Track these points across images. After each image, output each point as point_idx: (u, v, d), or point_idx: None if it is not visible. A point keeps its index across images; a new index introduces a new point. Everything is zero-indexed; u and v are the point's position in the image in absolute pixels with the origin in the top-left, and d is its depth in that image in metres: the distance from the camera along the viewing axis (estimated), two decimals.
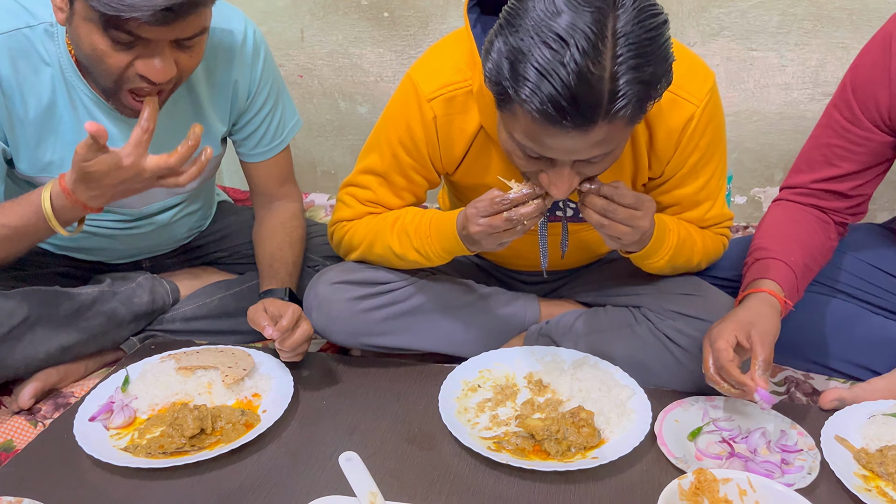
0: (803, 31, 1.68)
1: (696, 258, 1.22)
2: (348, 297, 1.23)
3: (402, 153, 1.19)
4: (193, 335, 1.43)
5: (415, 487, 1.01)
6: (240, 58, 1.29)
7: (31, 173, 1.22)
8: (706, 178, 1.19)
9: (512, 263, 1.40)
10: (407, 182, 1.22)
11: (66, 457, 1.07)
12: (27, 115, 1.16)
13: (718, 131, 1.17)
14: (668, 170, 1.18)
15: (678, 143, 1.13)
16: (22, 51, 1.12)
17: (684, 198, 1.20)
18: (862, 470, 1.02)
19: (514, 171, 1.10)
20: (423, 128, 1.15)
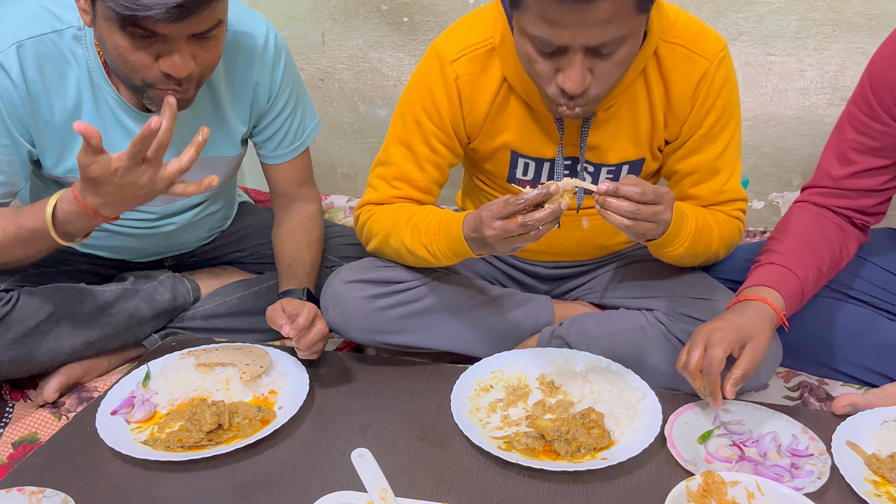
0: (822, 35, 1.67)
1: (715, 245, 1.21)
2: (363, 295, 1.25)
3: (425, 119, 1.22)
4: (213, 333, 1.46)
5: (425, 485, 1.03)
6: (261, 61, 1.32)
7: (58, 174, 1.26)
8: (723, 145, 1.20)
9: (526, 254, 1.40)
10: (430, 151, 1.24)
11: (88, 449, 1.10)
12: (53, 118, 1.20)
13: (733, 97, 1.20)
14: (685, 129, 1.19)
15: (694, 100, 1.16)
16: (49, 55, 1.16)
17: (702, 165, 1.21)
18: (872, 475, 1.02)
19: (532, 128, 1.17)
20: (445, 91, 1.19)
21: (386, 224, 1.24)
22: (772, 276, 1.14)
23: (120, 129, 1.24)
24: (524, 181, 1.26)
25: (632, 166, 1.25)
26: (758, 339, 1.05)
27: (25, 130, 1.19)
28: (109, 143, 1.24)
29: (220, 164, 1.39)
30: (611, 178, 1.25)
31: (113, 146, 1.25)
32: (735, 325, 1.06)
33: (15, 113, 1.16)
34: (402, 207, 1.24)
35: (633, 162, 1.24)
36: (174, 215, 1.43)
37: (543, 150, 1.22)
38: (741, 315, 1.08)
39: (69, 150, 1.24)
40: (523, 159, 1.24)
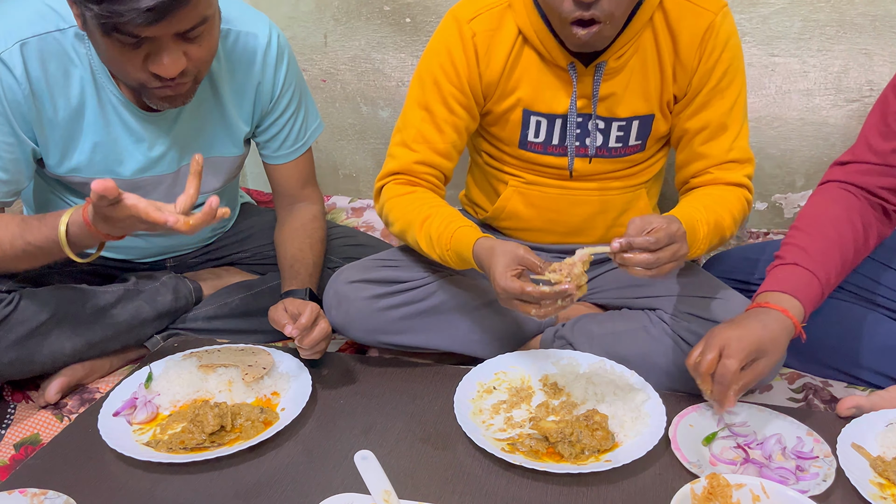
0: (825, 36, 1.66)
1: (728, 233, 1.21)
2: (366, 295, 1.25)
3: (443, 79, 1.24)
4: (215, 334, 1.46)
5: (428, 487, 1.02)
6: (263, 61, 1.32)
7: (61, 173, 1.26)
8: (731, 100, 1.23)
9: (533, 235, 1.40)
10: (448, 112, 1.26)
11: (90, 450, 1.10)
12: (56, 116, 1.19)
13: (738, 53, 1.23)
14: (694, 82, 1.22)
15: (701, 51, 1.20)
16: (52, 53, 1.16)
17: (711, 120, 1.23)
18: (878, 478, 1.01)
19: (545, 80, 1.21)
20: (462, 49, 1.22)
21: (403, 218, 1.25)
22: (797, 283, 1.09)
23: (123, 127, 1.24)
24: (535, 144, 1.28)
25: (641, 121, 1.26)
26: (772, 355, 1.03)
27: (29, 129, 1.18)
28: (113, 141, 1.25)
29: (223, 164, 1.39)
30: (621, 134, 1.27)
31: (116, 144, 1.25)
32: (755, 338, 1.02)
33: (19, 111, 1.16)
34: (419, 203, 1.24)
35: (642, 117, 1.26)
36: None
37: (556, 104, 1.24)
38: (763, 326, 1.04)
39: (72, 149, 1.23)
40: (535, 117, 1.26)
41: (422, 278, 1.29)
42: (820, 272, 1.10)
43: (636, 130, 1.27)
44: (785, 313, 1.05)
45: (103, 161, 1.26)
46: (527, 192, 1.34)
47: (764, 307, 1.07)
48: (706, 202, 1.20)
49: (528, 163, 1.31)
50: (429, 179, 1.29)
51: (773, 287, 1.10)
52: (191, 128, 1.31)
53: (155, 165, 1.30)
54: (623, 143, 1.28)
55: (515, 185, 1.34)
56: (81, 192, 1.32)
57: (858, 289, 1.33)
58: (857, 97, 1.70)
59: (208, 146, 1.34)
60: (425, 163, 1.27)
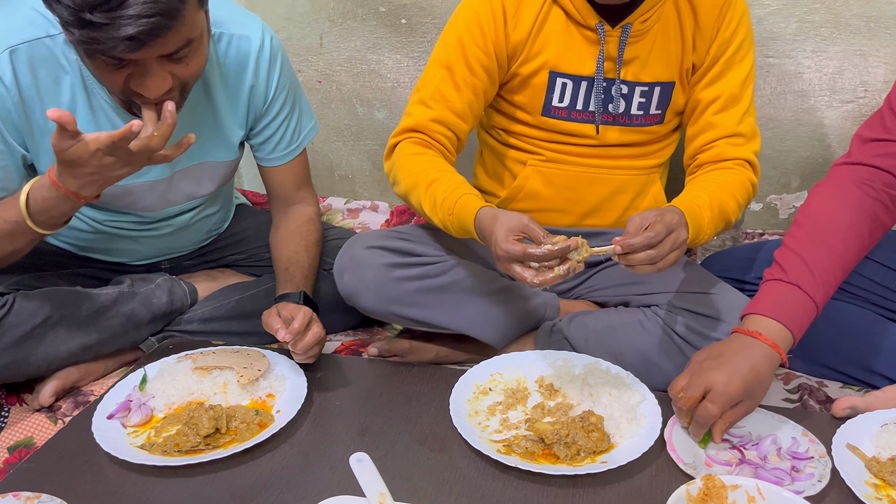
0: (820, 38, 1.67)
1: (733, 216, 1.22)
2: (383, 262, 1.25)
3: (468, 38, 1.26)
4: (210, 336, 1.45)
5: (424, 489, 1.02)
6: (257, 64, 1.31)
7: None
8: (745, 73, 1.27)
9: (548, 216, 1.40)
10: (468, 72, 1.27)
11: (85, 454, 1.09)
12: (47, 122, 1.19)
13: (751, 30, 1.29)
14: (712, 51, 1.26)
15: (721, 20, 1.25)
16: (42, 60, 1.15)
17: (724, 90, 1.27)
18: (873, 479, 1.01)
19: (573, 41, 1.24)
20: (490, 11, 1.24)
21: (410, 179, 1.24)
22: (793, 310, 1.06)
23: None
24: (559, 109, 1.29)
25: (663, 88, 1.29)
26: (758, 395, 1.05)
27: (19, 136, 1.18)
28: None
29: (217, 169, 1.39)
30: (643, 101, 1.29)
31: None
32: (742, 382, 1.01)
33: (9, 118, 1.15)
34: (427, 164, 1.24)
35: (664, 84, 1.29)
36: (171, 217, 1.42)
37: (582, 66, 1.26)
38: (751, 368, 1.02)
39: None
40: (561, 79, 1.27)
41: (438, 255, 1.30)
42: (819, 295, 1.07)
43: (657, 98, 1.30)
44: (775, 348, 1.04)
45: None
46: (546, 171, 1.35)
47: (755, 338, 1.05)
48: (709, 188, 1.20)
49: (551, 132, 1.32)
50: (442, 141, 1.30)
51: (769, 310, 1.07)
52: (184, 132, 1.30)
53: (148, 171, 1.29)
54: (644, 111, 1.30)
55: (535, 163, 1.35)
56: None
57: (856, 288, 1.33)
58: (852, 98, 1.70)
59: (202, 151, 1.34)
60: (440, 121, 1.28)
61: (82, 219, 1.37)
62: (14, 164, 1.20)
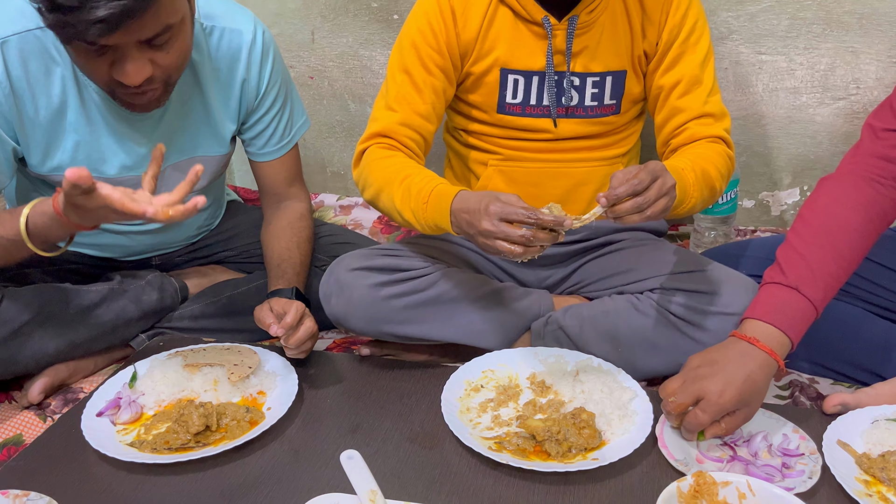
0: (812, 34, 1.67)
1: (718, 184, 1.22)
2: (370, 283, 1.24)
3: (420, 41, 1.27)
4: (201, 333, 1.45)
5: (415, 486, 1.02)
6: (249, 58, 1.31)
7: (43, 172, 1.24)
8: (702, 55, 1.28)
9: None
10: (426, 73, 1.28)
11: (74, 451, 1.09)
12: (38, 115, 1.18)
13: (702, 13, 1.29)
14: (664, 37, 1.27)
15: (668, 5, 1.26)
16: (33, 52, 1.14)
17: (685, 73, 1.27)
18: (863, 475, 1.01)
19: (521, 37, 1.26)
20: (439, 11, 1.26)
21: (382, 177, 1.22)
22: (793, 317, 1.05)
23: (106, 126, 1.23)
24: (514, 105, 1.30)
25: (615, 77, 1.30)
26: (754, 404, 1.04)
27: (10, 128, 1.17)
28: (96, 140, 1.24)
29: (209, 164, 1.38)
30: (596, 91, 1.30)
31: (99, 142, 1.24)
32: (736, 393, 1.00)
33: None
34: (400, 163, 1.23)
35: (615, 73, 1.30)
36: None
37: (532, 61, 1.27)
38: (746, 378, 1.01)
39: (54, 148, 1.22)
40: (513, 75, 1.28)
41: (423, 268, 1.28)
42: (819, 299, 1.05)
43: (610, 88, 1.30)
44: (772, 356, 1.03)
45: (86, 160, 1.24)
46: (507, 170, 1.36)
47: (752, 345, 1.04)
48: (689, 156, 1.21)
49: (508, 128, 1.33)
50: (409, 144, 1.29)
51: (767, 315, 1.05)
52: (175, 127, 1.29)
53: (139, 165, 1.28)
54: (598, 102, 1.31)
55: (495, 163, 1.36)
56: None
57: (847, 285, 1.33)
58: (844, 95, 1.71)
59: (193, 145, 1.33)
60: (407, 124, 1.28)
61: None
62: (4, 157, 1.19)
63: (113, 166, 1.27)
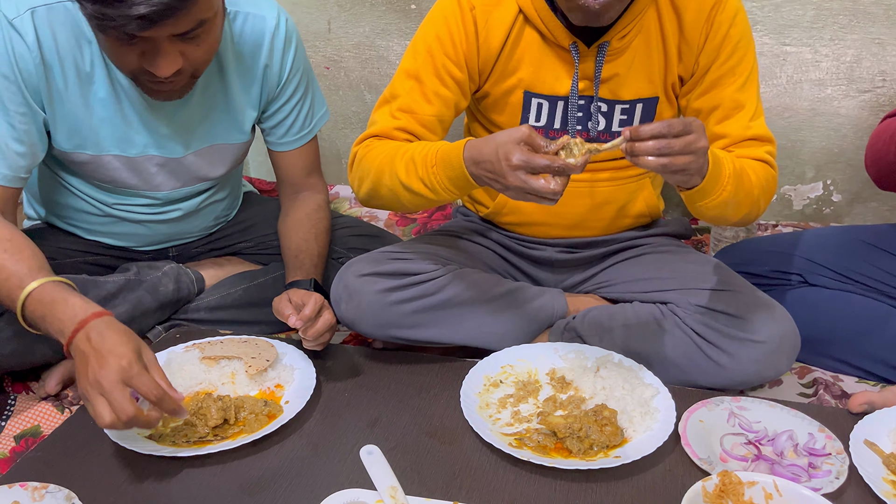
0: (838, 25, 1.64)
1: (756, 191, 1.13)
2: (378, 288, 1.22)
3: (438, 49, 1.21)
4: (218, 325, 1.44)
5: (435, 482, 1.01)
6: (271, 44, 1.30)
7: (67, 148, 1.24)
8: (744, 78, 1.18)
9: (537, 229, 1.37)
10: (439, 83, 1.21)
11: (92, 443, 1.08)
12: (66, 87, 1.18)
13: (747, 29, 1.19)
14: (701, 61, 1.19)
15: (708, 27, 1.17)
16: (63, 23, 1.14)
17: (724, 98, 1.19)
18: (891, 475, 0.99)
19: (547, 61, 1.18)
20: (461, 20, 1.19)
21: (380, 161, 1.17)
22: None
23: (131, 106, 1.23)
24: (537, 128, 1.24)
25: (645, 105, 1.23)
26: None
27: (39, 98, 1.17)
28: (121, 118, 1.24)
29: (229, 151, 1.37)
30: (625, 119, 1.24)
31: (123, 121, 1.24)
32: None
33: (30, 80, 1.14)
34: (397, 144, 1.19)
35: (646, 100, 1.23)
36: (180, 201, 1.41)
37: (558, 85, 1.21)
38: None
39: (80, 124, 1.22)
40: (537, 99, 1.23)
41: (433, 270, 1.26)
42: None
43: (640, 114, 1.25)
44: None
45: (110, 138, 1.24)
46: None
47: None
48: (730, 155, 1.13)
49: None
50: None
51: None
52: (198, 113, 1.29)
53: (160, 147, 1.29)
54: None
55: None
56: (84, 173, 1.30)
57: (871, 280, 1.32)
58: (870, 87, 1.68)
59: (213, 133, 1.33)
60: (407, 130, 1.22)
61: (90, 202, 1.36)
62: (37, 128, 1.19)
63: (136, 146, 1.27)
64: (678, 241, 1.43)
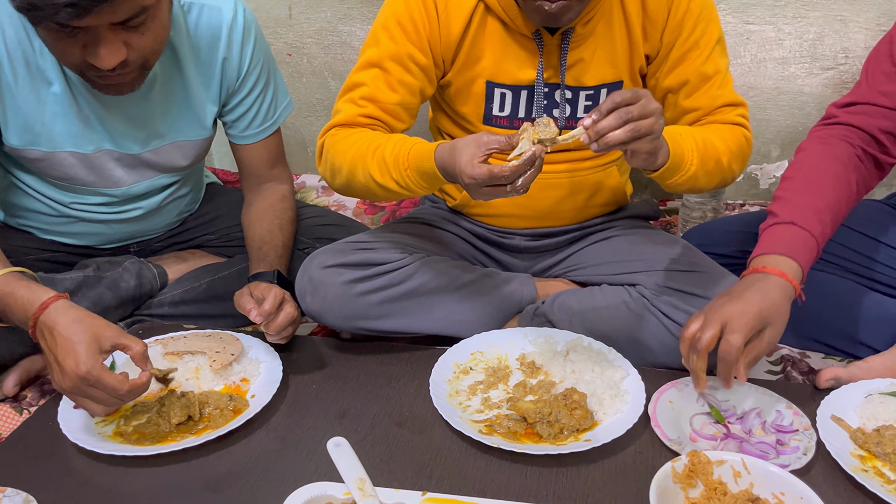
0: (801, 3, 1.64)
1: (725, 158, 1.14)
2: (343, 280, 1.20)
3: (400, 35, 1.18)
4: (182, 319, 1.41)
5: (405, 472, 0.99)
6: (229, 37, 1.26)
7: (18, 144, 1.19)
8: (708, 50, 1.18)
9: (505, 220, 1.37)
10: (403, 71, 1.19)
11: (51, 445, 1.06)
12: (16, 81, 1.13)
13: (708, 0, 1.19)
14: (665, 37, 1.19)
15: (670, 1, 1.16)
16: (10, 15, 1.09)
17: (691, 73, 1.19)
18: (858, 450, 1.00)
19: (510, 50, 1.17)
20: (422, 4, 1.17)
21: (351, 156, 1.15)
22: (793, 243, 1.04)
23: (86, 102, 1.19)
24: (501, 118, 1.24)
25: (610, 89, 1.23)
26: (777, 323, 0.99)
27: None
28: (75, 115, 1.19)
29: (190, 147, 1.34)
30: (589, 104, 1.23)
31: (78, 118, 1.20)
32: (757, 310, 0.97)
33: None
34: (366, 136, 1.17)
35: (610, 84, 1.23)
36: (139, 198, 1.37)
37: (521, 74, 1.20)
38: (763, 296, 0.98)
39: (32, 120, 1.17)
40: (500, 89, 1.21)
41: (400, 259, 1.24)
42: (816, 231, 1.05)
43: (604, 97, 1.21)
44: (784, 277, 1.00)
45: (65, 134, 1.20)
46: None
47: (761, 272, 1.02)
48: (691, 128, 1.15)
49: None
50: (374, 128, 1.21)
51: (769, 249, 1.05)
52: (157, 109, 1.25)
53: (118, 144, 1.25)
54: None
55: None
56: (38, 171, 1.26)
57: (837, 258, 1.32)
58: (833, 65, 1.69)
59: (175, 128, 1.29)
60: (372, 117, 1.20)
61: (46, 202, 1.31)
62: None
63: (92, 142, 1.23)
64: (646, 223, 1.43)
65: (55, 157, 1.22)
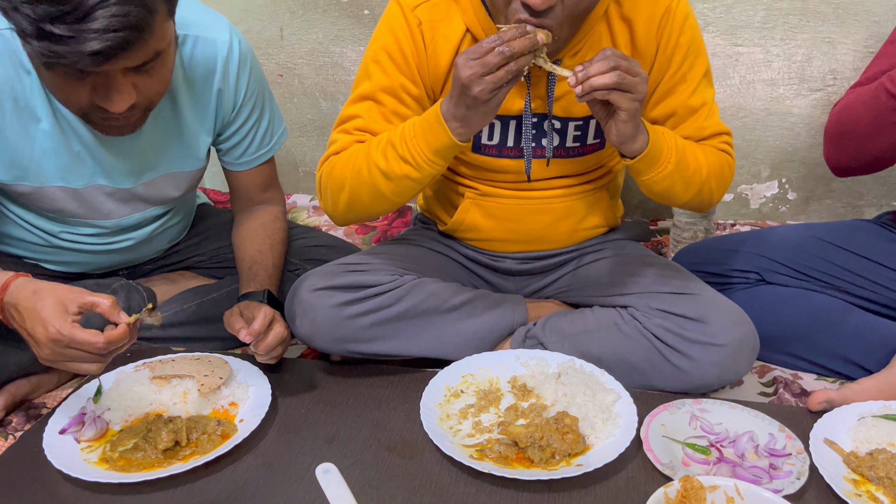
0: (789, 25, 1.66)
1: (704, 171, 1.15)
2: (333, 303, 1.20)
3: (391, 67, 1.18)
4: (171, 342, 1.39)
5: (395, 498, 0.98)
6: (224, 68, 1.24)
7: (6, 180, 1.18)
8: (695, 84, 1.19)
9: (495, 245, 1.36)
10: (397, 102, 1.19)
11: (36, 471, 1.04)
12: (4, 117, 1.12)
13: (696, 33, 1.19)
14: (654, 72, 1.19)
15: (659, 37, 1.16)
16: (1, 53, 1.08)
17: (678, 106, 1.20)
18: (852, 474, 1.00)
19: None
20: (410, 36, 1.17)
21: (354, 162, 1.15)
22: None
23: (76, 137, 1.17)
24: (490, 147, 1.24)
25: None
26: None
27: None
28: (65, 150, 1.18)
29: (183, 179, 1.33)
30: (578, 134, 1.24)
31: (68, 153, 1.18)
32: None
33: None
34: (366, 142, 1.16)
35: None
36: (130, 230, 1.35)
37: (510, 104, 1.19)
38: None
39: (21, 155, 1.15)
40: None
41: (390, 281, 1.23)
42: None
43: (593, 129, 1.24)
44: None
45: (53, 169, 1.18)
46: (484, 204, 1.30)
47: None
48: (673, 132, 1.16)
49: (483, 169, 1.27)
50: None
51: None
52: (150, 143, 1.23)
53: (110, 178, 1.23)
54: (581, 143, 1.24)
55: (472, 196, 1.30)
56: (27, 203, 1.24)
57: (829, 277, 1.32)
58: (821, 86, 1.70)
59: (167, 161, 1.27)
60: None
61: (34, 231, 1.29)
62: None
63: (82, 177, 1.21)
64: (637, 244, 1.43)
65: (43, 191, 1.21)
